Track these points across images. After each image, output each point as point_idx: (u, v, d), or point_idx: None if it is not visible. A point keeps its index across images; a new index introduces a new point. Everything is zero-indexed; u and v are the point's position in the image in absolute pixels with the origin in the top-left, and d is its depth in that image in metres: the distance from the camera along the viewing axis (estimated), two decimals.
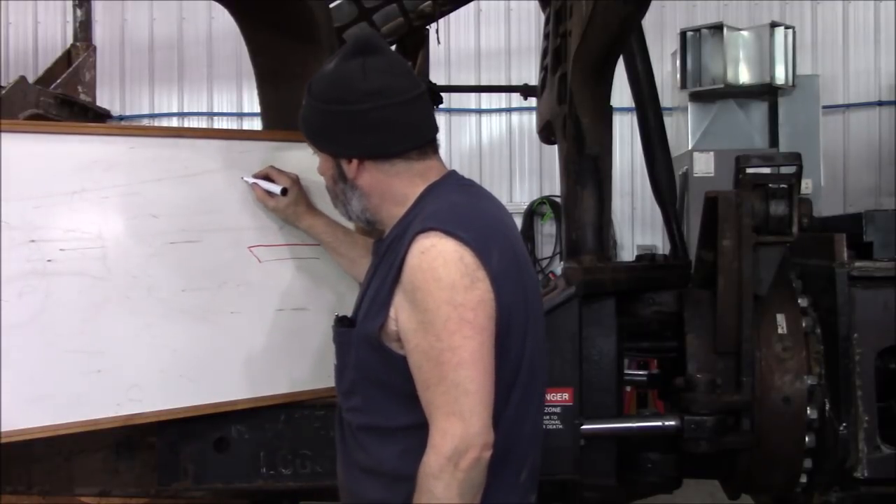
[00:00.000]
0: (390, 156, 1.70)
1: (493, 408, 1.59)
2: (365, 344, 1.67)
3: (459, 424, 1.53)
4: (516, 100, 7.39)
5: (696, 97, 7.32)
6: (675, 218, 3.02)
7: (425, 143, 1.73)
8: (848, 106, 8.69)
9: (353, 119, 1.67)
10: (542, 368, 1.78)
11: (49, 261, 1.98)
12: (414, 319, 1.58)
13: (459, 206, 1.67)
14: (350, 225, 2.30)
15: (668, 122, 4.32)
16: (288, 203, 2.16)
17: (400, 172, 1.71)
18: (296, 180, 2.17)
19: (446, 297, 1.54)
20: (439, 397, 1.55)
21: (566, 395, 2.38)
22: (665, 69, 7.93)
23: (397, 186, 1.72)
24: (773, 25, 7.21)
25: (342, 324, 1.77)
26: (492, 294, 1.58)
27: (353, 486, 1.77)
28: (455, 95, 8.36)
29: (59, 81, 6.39)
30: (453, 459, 1.52)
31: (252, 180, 2.18)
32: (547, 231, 8.83)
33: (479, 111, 9.03)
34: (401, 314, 1.61)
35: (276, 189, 2.15)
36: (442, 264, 1.56)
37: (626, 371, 2.90)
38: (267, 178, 2.17)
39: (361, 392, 1.72)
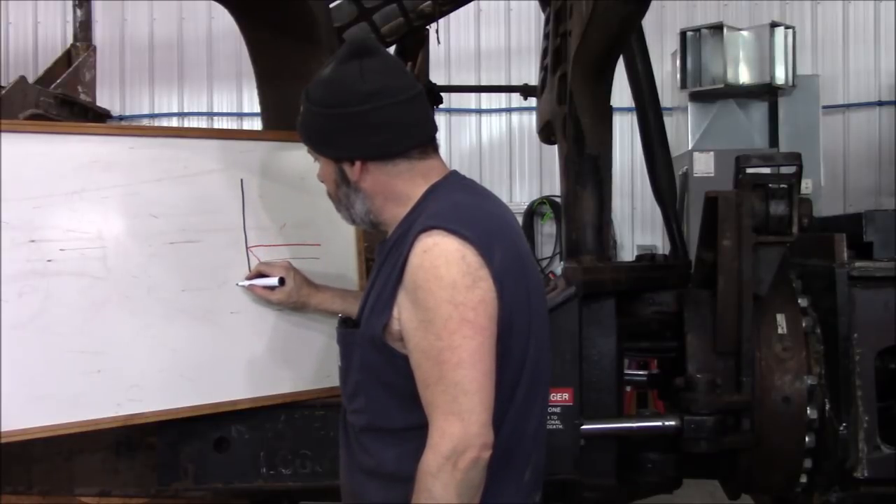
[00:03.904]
0: (393, 156, 1.70)
1: (498, 407, 1.59)
2: (369, 344, 1.67)
3: (458, 424, 1.53)
4: (516, 100, 7.39)
5: (696, 97, 7.32)
6: (675, 218, 3.02)
7: (426, 141, 1.73)
8: (848, 106, 8.70)
9: (354, 121, 1.67)
10: (546, 367, 1.78)
11: (49, 261, 1.97)
12: (415, 318, 1.58)
13: (462, 205, 1.67)
14: (352, 229, 2.31)
15: (668, 122, 4.32)
16: (290, 290, 2.15)
17: (402, 172, 1.71)
18: (288, 267, 2.17)
19: (447, 296, 1.54)
20: (438, 396, 1.55)
21: (566, 395, 2.38)
22: (665, 69, 7.93)
23: (400, 187, 1.72)
24: (773, 25, 7.22)
25: (346, 325, 1.77)
26: (494, 293, 1.58)
27: (355, 488, 1.77)
28: (455, 95, 8.36)
29: (59, 81, 6.39)
30: (451, 459, 1.52)
31: (247, 283, 2.18)
32: (547, 231, 8.84)
33: (479, 111, 9.03)
34: (403, 313, 1.61)
35: (274, 282, 2.15)
36: (444, 263, 1.56)
37: (626, 371, 2.90)
38: (260, 275, 2.17)
39: (365, 393, 1.72)
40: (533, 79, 4.32)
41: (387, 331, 1.64)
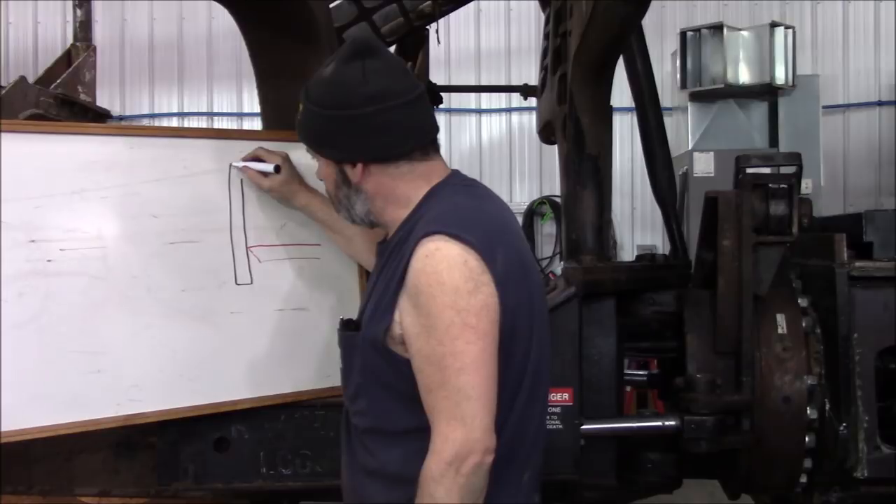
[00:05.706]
0: (395, 158, 1.70)
1: (499, 411, 1.59)
2: (370, 347, 1.67)
3: (461, 429, 1.53)
4: (516, 100, 7.38)
5: (696, 97, 7.31)
6: (675, 218, 3.02)
7: (428, 142, 1.73)
8: (848, 106, 8.69)
9: (355, 123, 1.66)
10: (546, 369, 1.78)
11: (49, 261, 1.98)
12: (417, 323, 1.58)
13: (463, 209, 1.67)
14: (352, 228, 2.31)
15: (668, 122, 4.31)
16: (282, 181, 2.15)
17: (404, 174, 1.71)
18: (286, 158, 2.16)
19: (450, 301, 1.54)
20: (441, 402, 1.55)
21: (566, 395, 2.38)
22: (665, 69, 7.93)
23: (401, 189, 1.72)
24: (773, 25, 7.21)
25: (347, 327, 1.77)
26: (496, 298, 1.58)
27: (357, 489, 1.77)
28: (455, 95, 8.35)
29: (59, 81, 6.38)
30: (454, 464, 1.52)
31: (242, 163, 2.18)
32: (547, 231, 8.83)
33: (479, 111, 9.03)
34: (405, 318, 1.61)
35: (269, 168, 2.15)
36: (446, 268, 1.55)
37: (626, 371, 2.90)
38: (257, 159, 2.17)
39: (367, 395, 1.72)
40: (533, 79, 4.31)
41: (388, 335, 1.64)
